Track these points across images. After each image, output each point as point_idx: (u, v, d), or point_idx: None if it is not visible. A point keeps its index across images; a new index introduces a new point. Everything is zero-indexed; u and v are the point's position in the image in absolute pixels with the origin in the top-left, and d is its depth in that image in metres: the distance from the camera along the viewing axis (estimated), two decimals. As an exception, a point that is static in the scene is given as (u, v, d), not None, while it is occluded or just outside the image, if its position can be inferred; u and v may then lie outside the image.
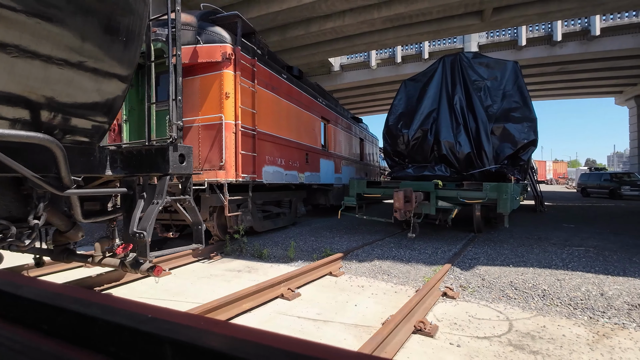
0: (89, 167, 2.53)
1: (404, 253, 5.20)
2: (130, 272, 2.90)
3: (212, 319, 0.50)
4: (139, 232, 2.62)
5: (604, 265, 4.33)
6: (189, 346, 0.43)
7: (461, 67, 7.80)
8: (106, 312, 0.51)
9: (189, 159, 2.88)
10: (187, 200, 2.99)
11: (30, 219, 2.33)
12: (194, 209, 3.05)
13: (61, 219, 2.75)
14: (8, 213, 2.39)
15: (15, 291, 0.60)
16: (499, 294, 3.60)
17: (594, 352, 2.45)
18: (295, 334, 2.79)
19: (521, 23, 15.26)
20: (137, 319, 0.49)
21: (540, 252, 5.07)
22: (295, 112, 7.38)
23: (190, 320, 0.48)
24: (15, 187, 2.45)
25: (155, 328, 0.46)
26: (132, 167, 2.80)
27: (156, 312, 0.51)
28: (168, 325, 0.47)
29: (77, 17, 2.01)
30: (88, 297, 0.57)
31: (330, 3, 13.21)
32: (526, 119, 7.13)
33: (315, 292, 3.84)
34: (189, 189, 3.02)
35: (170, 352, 0.44)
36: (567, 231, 7.16)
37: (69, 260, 3.15)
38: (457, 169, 7.33)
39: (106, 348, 0.50)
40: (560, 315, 3.11)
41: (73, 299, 0.56)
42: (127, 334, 0.48)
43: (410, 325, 2.78)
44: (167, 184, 2.73)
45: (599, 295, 3.32)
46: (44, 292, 0.59)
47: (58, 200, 2.71)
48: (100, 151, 2.64)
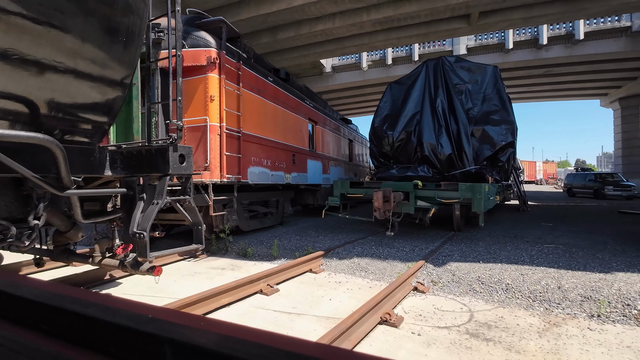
0: (89, 167, 2.54)
1: (383, 251, 5.40)
2: (131, 272, 2.91)
3: (212, 319, 0.50)
4: (139, 233, 2.62)
5: (567, 261, 4.58)
6: (188, 346, 0.43)
7: (444, 71, 8.05)
8: (106, 313, 0.51)
9: (188, 160, 2.87)
10: (187, 201, 2.98)
11: (30, 220, 2.32)
12: (194, 209, 3.04)
13: (61, 220, 2.76)
14: (8, 213, 2.39)
15: (14, 291, 0.60)
16: (466, 288, 3.82)
17: (541, 339, 2.67)
18: (268, 326, 2.96)
19: (507, 27, 15.64)
20: (137, 319, 0.49)
21: (512, 249, 5.31)
22: (282, 114, 7.55)
23: (190, 321, 0.48)
24: (15, 188, 2.44)
25: (155, 328, 0.46)
26: (132, 168, 2.80)
27: (156, 312, 0.51)
28: (168, 325, 0.47)
29: (77, 18, 2.00)
30: (88, 298, 0.56)
31: (320, 6, 13.40)
32: (505, 122, 7.40)
33: (293, 288, 4.01)
34: (189, 189, 3.01)
35: (170, 352, 0.44)
36: (544, 230, 7.44)
37: (69, 260, 3.13)
38: (439, 169, 7.57)
39: (106, 348, 0.50)
40: (519, 307, 3.33)
41: (73, 299, 0.56)
42: (126, 334, 0.48)
43: (377, 317, 2.97)
44: (167, 185, 2.73)
45: (557, 288, 3.55)
46: (43, 293, 0.59)
47: (58, 201, 2.71)
48: (100, 151, 2.63)
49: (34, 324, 0.56)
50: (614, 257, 4.74)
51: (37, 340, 0.53)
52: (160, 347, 0.45)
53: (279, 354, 0.39)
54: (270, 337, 0.42)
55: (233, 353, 0.40)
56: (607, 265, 4.36)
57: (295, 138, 8.21)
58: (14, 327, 0.56)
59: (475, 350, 2.51)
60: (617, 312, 3.06)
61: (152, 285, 4.05)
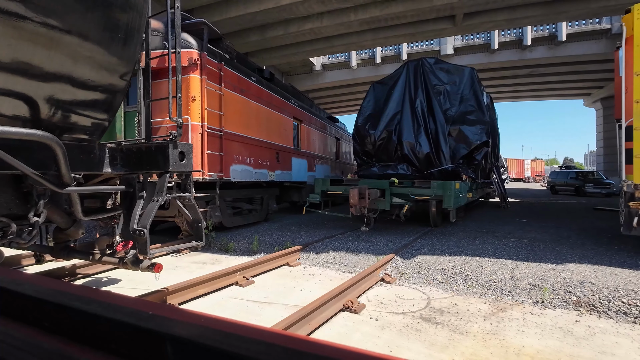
0: (89, 164, 2.53)
1: (358, 245, 5.66)
2: (131, 269, 2.92)
3: (213, 316, 0.50)
4: (139, 230, 2.61)
5: (527, 254, 4.89)
6: (189, 343, 0.43)
7: (423, 72, 8.31)
8: (107, 310, 0.51)
9: (188, 157, 2.85)
10: (187, 198, 2.97)
11: (30, 217, 2.31)
12: (194, 207, 3.03)
13: (61, 217, 2.76)
14: (8, 210, 2.38)
15: (16, 288, 0.60)
16: (429, 279, 4.09)
17: (485, 322, 2.95)
18: (239, 313, 3.18)
19: (491, 28, 15.99)
20: (138, 316, 0.49)
21: (479, 244, 5.62)
22: (266, 113, 7.73)
23: (191, 318, 0.48)
24: (15, 185, 2.43)
25: (156, 325, 0.46)
26: (132, 165, 2.78)
27: (157, 309, 0.51)
28: (169, 322, 0.47)
29: (76, 14, 2.00)
30: (89, 295, 0.56)
31: (308, 5, 13.55)
32: (480, 122, 7.71)
33: (269, 280, 4.24)
34: (189, 186, 2.99)
35: (171, 349, 0.44)
36: (516, 225, 7.79)
37: (70, 257, 3.14)
38: (418, 167, 7.85)
39: (107, 345, 0.50)
40: (474, 295, 3.62)
41: (74, 296, 0.56)
42: (128, 330, 0.48)
43: (340, 304, 3.22)
44: (167, 182, 2.71)
45: (510, 278, 3.85)
46: (45, 290, 0.59)
47: (58, 198, 2.70)
48: (100, 148, 2.62)
49: (36, 321, 0.56)
50: (570, 250, 5.07)
51: (38, 336, 0.53)
52: (161, 343, 0.45)
53: (278, 351, 0.40)
54: (269, 334, 0.42)
55: (233, 350, 0.40)
56: (561, 257, 4.69)
57: (280, 136, 8.41)
58: (16, 324, 0.56)
59: (423, 332, 2.77)
60: (559, 298, 3.36)
61: (133, 279, 4.23)
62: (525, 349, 2.48)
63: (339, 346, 0.40)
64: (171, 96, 2.93)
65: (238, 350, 0.41)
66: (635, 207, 4.22)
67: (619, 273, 3.88)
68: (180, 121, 2.89)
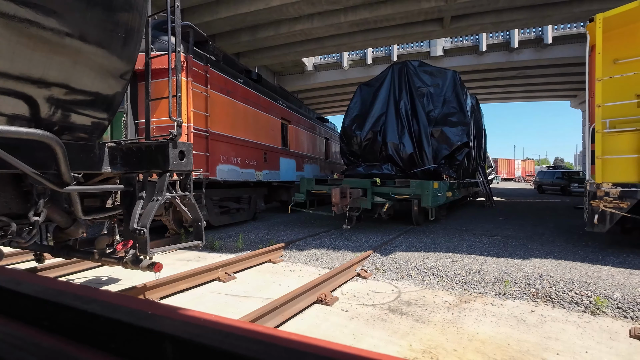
0: (89, 163, 2.53)
1: (340, 243, 5.86)
2: (131, 268, 2.91)
3: (213, 315, 0.50)
4: (139, 229, 2.60)
5: (497, 250, 5.14)
6: (189, 343, 0.43)
7: (407, 75, 8.54)
8: (107, 309, 0.51)
9: (188, 156, 2.85)
10: (187, 197, 2.97)
11: (30, 216, 2.31)
12: (194, 206, 3.04)
13: (61, 216, 2.76)
14: (8, 209, 2.38)
15: (16, 288, 0.60)
16: (403, 274, 4.30)
17: (447, 312, 3.16)
18: (217, 306, 3.35)
19: (478, 31, 16.31)
20: (138, 315, 0.49)
21: (456, 241, 5.85)
22: (253, 113, 7.88)
23: (191, 317, 0.48)
24: (15, 184, 2.43)
25: (156, 325, 0.47)
26: (132, 164, 2.78)
27: (157, 308, 0.51)
28: (169, 322, 0.47)
29: (76, 13, 2.00)
30: (89, 294, 0.56)
31: (298, 7, 13.70)
32: (461, 123, 7.95)
33: (250, 276, 4.41)
34: (189, 185, 3.00)
35: (171, 348, 0.44)
36: (496, 223, 8.06)
37: (70, 256, 3.14)
38: (402, 167, 8.08)
39: (107, 344, 0.50)
40: (443, 288, 3.83)
41: (74, 295, 0.56)
42: (127, 330, 0.48)
43: (314, 297, 3.40)
44: (167, 181, 2.72)
45: (477, 272, 4.07)
46: (44, 289, 0.59)
47: (58, 197, 2.70)
48: (100, 148, 2.62)
49: (35, 320, 0.56)
50: (540, 246, 5.33)
51: (38, 336, 0.52)
52: (161, 343, 0.45)
53: (279, 351, 0.40)
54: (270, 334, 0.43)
55: (234, 349, 0.40)
56: (529, 252, 4.94)
57: (267, 137, 8.56)
58: (15, 323, 0.56)
59: (388, 321, 2.97)
60: (520, 290, 3.59)
61: (118, 276, 4.37)
62: (478, 335, 2.69)
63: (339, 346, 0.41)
64: (171, 95, 2.94)
65: (238, 350, 0.41)
66: (596, 205, 4.48)
67: (579, 267, 4.13)
68: (180, 120, 2.89)
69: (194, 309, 0.54)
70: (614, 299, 3.20)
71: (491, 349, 2.49)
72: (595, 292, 3.31)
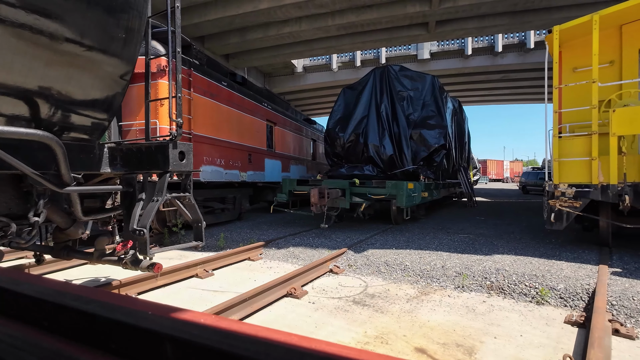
0: (89, 164, 2.52)
1: (318, 241, 6.09)
2: (130, 269, 2.91)
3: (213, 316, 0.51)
4: (139, 229, 2.60)
5: (465, 247, 5.43)
6: (189, 343, 0.43)
7: (389, 79, 8.82)
8: (106, 309, 0.51)
9: (188, 157, 2.85)
10: (187, 198, 2.97)
11: (30, 216, 2.30)
12: (194, 207, 3.03)
13: (61, 216, 2.76)
14: (8, 210, 2.37)
15: (16, 288, 0.60)
16: (373, 270, 4.55)
17: (406, 304, 3.41)
18: (193, 301, 3.54)
19: (462, 35, 16.75)
20: (137, 316, 0.49)
21: (429, 239, 6.13)
22: (237, 116, 8.07)
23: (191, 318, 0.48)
24: (15, 184, 2.42)
25: (156, 325, 0.47)
26: (132, 165, 2.78)
27: (156, 309, 0.51)
28: (168, 322, 0.47)
29: (76, 13, 2.00)
30: (88, 295, 0.56)
31: (285, 10, 13.91)
32: (439, 126, 8.26)
33: (228, 273, 4.60)
34: (189, 186, 3.00)
35: (170, 348, 0.44)
36: (472, 222, 8.39)
37: (70, 257, 3.15)
38: (383, 168, 8.35)
39: (107, 344, 0.50)
40: (407, 282, 4.09)
41: (74, 296, 0.56)
42: (127, 330, 0.48)
43: (284, 291, 3.62)
44: (167, 182, 2.72)
45: (441, 267, 4.34)
46: (44, 290, 0.59)
47: (58, 198, 2.70)
48: (100, 148, 2.62)
49: (35, 321, 0.56)
50: (505, 244, 5.64)
51: (38, 336, 0.52)
52: (160, 343, 0.45)
53: (278, 350, 0.40)
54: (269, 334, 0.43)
55: (233, 349, 0.40)
56: (494, 249, 5.24)
57: (252, 138, 8.75)
58: (15, 324, 0.56)
59: (350, 312, 3.21)
60: (476, 283, 3.87)
61: (100, 274, 4.52)
62: (429, 323, 2.95)
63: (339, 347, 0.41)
64: (171, 96, 2.92)
65: (237, 351, 0.41)
66: (553, 204, 4.79)
67: (534, 262, 4.44)
68: (180, 121, 2.86)
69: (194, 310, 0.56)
70: (557, 290, 3.49)
71: (437, 334, 2.74)
72: (542, 284, 3.60)
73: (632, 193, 4.22)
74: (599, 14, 4.59)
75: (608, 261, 4.40)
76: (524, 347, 2.52)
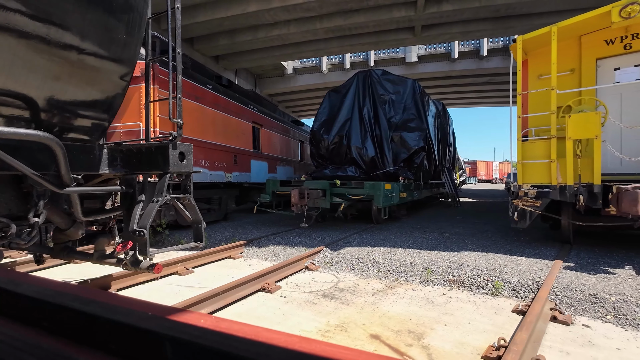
0: (89, 165, 2.53)
1: (299, 240, 6.30)
2: (130, 270, 2.91)
3: (213, 317, 0.50)
4: (139, 230, 2.61)
5: (437, 244, 5.70)
6: (189, 344, 0.43)
7: (371, 83, 9.09)
8: (106, 310, 0.51)
9: (188, 157, 2.86)
10: (187, 198, 2.98)
11: (30, 217, 2.31)
12: (194, 207, 3.04)
13: (61, 217, 2.76)
14: (8, 211, 2.38)
15: (15, 289, 0.60)
16: (347, 266, 4.78)
17: (372, 297, 3.64)
18: (171, 295, 3.73)
19: (448, 39, 17.15)
20: (137, 316, 0.49)
21: (405, 237, 6.40)
22: (222, 118, 8.25)
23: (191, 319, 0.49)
24: (15, 185, 2.43)
25: (156, 326, 0.47)
26: (132, 165, 2.79)
27: (156, 310, 0.51)
28: (168, 323, 0.47)
29: (77, 14, 2.01)
30: (88, 295, 0.56)
31: (274, 13, 14.11)
32: (419, 129, 8.56)
33: (208, 270, 4.79)
34: (189, 187, 3.01)
35: (170, 349, 0.45)
36: (452, 222, 8.70)
37: (69, 258, 3.16)
38: (365, 170, 8.61)
39: (106, 345, 0.50)
40: (377, 277, 4.33)
41: (73, 296, 0.56)
42: (127, 331, 0.48)
43: (258, 286, 3.83)
44: (167, 182, 2.73)
45: (409, 263, 4.60)
46: (44, 290, 0.59)
47: (58, 198, 2.70)
48: (100, 149, 2.63)
49: (35, 321, 0.56)
50: (476, 241, 5.93)
51: (37, 337, 0.52)
52: (160, 344, 0.45)
53: (279, 352, 0.40)
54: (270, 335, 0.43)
55: (234, 351, 0.41)
56: (463, 246, 5.52)
57: (238, 140, 8.93)
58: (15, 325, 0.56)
59: (318, 304, 3.43)
60: (440, 278, 4.13)
61: (83, 273, 4.66)
62: (389, 313, 3.19)
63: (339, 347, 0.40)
64: (171, 97, 2.93)
65: (237, 352, 0.41)
66: (516, 204, 5.09)
67: (497, 258, 4.72)
68: (180, 122, 2.88)
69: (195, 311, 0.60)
70: (511, 282, 3.77)
71: (394, 322, 2.98)
72: (499, 278, 3.88)
73: (586, 193, 4.54)
74: (557, 26, 4.90)
75: (565, 257, 4.71)
76: (469, 333, 2.77)
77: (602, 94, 5.21)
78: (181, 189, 3.00)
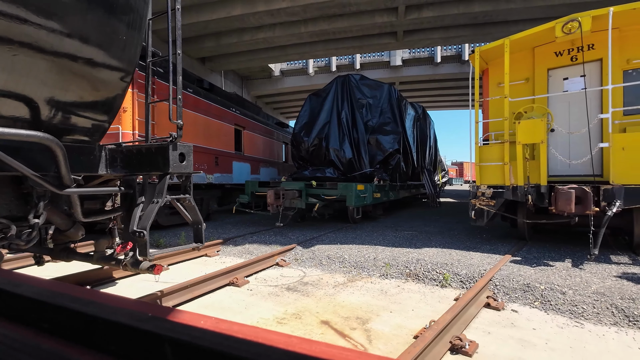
0: (89, 166, 2.54)
1: (274, 238, 6.57)
2: (130, 270, 2.92)
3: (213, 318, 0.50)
4: (139, 231, 2.61)
5: (403, 242, 6.05)
6: (189, 345, 0.43)
7: (349, 87, 9.44)
8: (106, 311, 0.51)
9: (189, 158, 2.85)
10: (187, 199, 2.99)
11: (30, 218, 2.31)
12: (194, 208, 3.05)
13: (61, 218, 2.77)
14: (8, 212, 2.38)
15: (14, 289, 0.60)
16: (316, 262, 5.07)
17: (332, 289, 3.94)
18: (141, 290, 3.95)
19: (429, 44, 17.67)
20: (137, 317, 0.49)
21: (376, 236, 6.73)
22: (203, 120, 8.46)
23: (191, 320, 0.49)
24: (15, 186, 2.44)
25: (155, 327, 0.47)
26: (132, 166, 2.80)
27: (156, 310, 0.51)
28: (168, 324, 0.47)
29: (77, 16, 2.02)
30: (88, 296, 0.56)
31: (259, 16, 14.36)
32: (394, 132, 8.94)
33: (183, 267, 5.02)
34: (189, 188, 3.01)
35: (170, 351, 0.45)
36: (426, 221, 9.09)
37: (69, 258, 3.18)
38: (343, 171, 8.94)
39: (106, 346, 0.50)
40: (341, 272, 4.63)
41: (73, 297, 0.56)
42: (126, 332, 0.49)
43: (226, 280, 4.09)
44: (167, 183, 2.73)
45: (373, 259, 4.92)
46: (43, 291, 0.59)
47: (58, 199, 2.71)
48: (100, 150, 2.64)
49: (34, 322, 0.56)
50: (440, 239, 6.30)
51: (37, 338, 0.53)
52: (160, 345, 0.46)
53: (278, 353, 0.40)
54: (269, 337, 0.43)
55: (233, 352, 0.41)
56: (426, 243, 5.88)
57: (219, 142, 9.15)
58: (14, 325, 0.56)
59: (280, 296, 3.71)
60: (398, 272, 4.45)
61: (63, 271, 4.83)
62: (343, 303, 3.49)
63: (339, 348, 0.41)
64: (171, 98, 2.93)
65: (238, 353, 0.41)
66: (474, 203, 5.47)
67: (453, 253, 5.09)
68: (180, 123, 2.87)
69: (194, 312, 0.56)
70: (460, 275, 4.12)
71: (345, 311, 3.28)
72: (450, 271, 4.23)
73: (534, 193, 4.94)
74: (510, 39, 5.31)
75: (516, 252, 5.10)
76: (410, 318, 3.10)
77: (553, 102, 5.65)
78: (181, 189, 3.01)
